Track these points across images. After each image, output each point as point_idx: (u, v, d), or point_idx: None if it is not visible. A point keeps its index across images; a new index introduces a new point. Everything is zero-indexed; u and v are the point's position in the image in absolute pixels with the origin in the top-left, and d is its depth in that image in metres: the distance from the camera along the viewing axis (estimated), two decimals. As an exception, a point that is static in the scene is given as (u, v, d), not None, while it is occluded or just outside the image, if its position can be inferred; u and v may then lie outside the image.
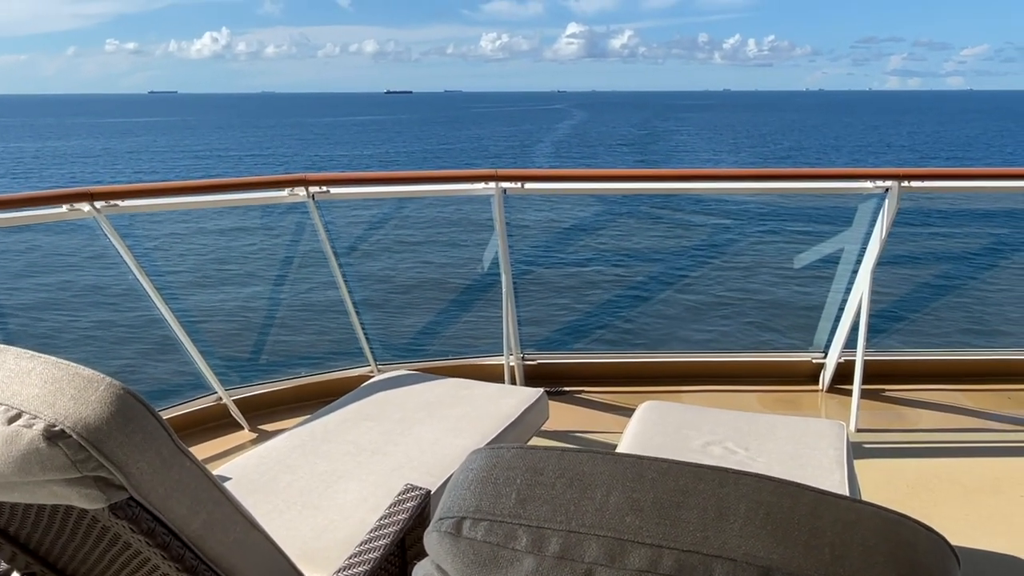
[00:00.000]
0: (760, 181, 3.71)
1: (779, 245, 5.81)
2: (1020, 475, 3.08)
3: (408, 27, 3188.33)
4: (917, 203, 5.52)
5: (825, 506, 0.81)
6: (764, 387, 3.97)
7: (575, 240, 7.42)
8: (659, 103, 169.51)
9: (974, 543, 2.62)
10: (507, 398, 2.58)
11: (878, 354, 4.05)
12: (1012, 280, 4.99)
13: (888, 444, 3.36)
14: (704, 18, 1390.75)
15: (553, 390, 3.87)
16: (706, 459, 2.16)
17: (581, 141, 55.15)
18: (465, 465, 0.96)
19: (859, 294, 3.50)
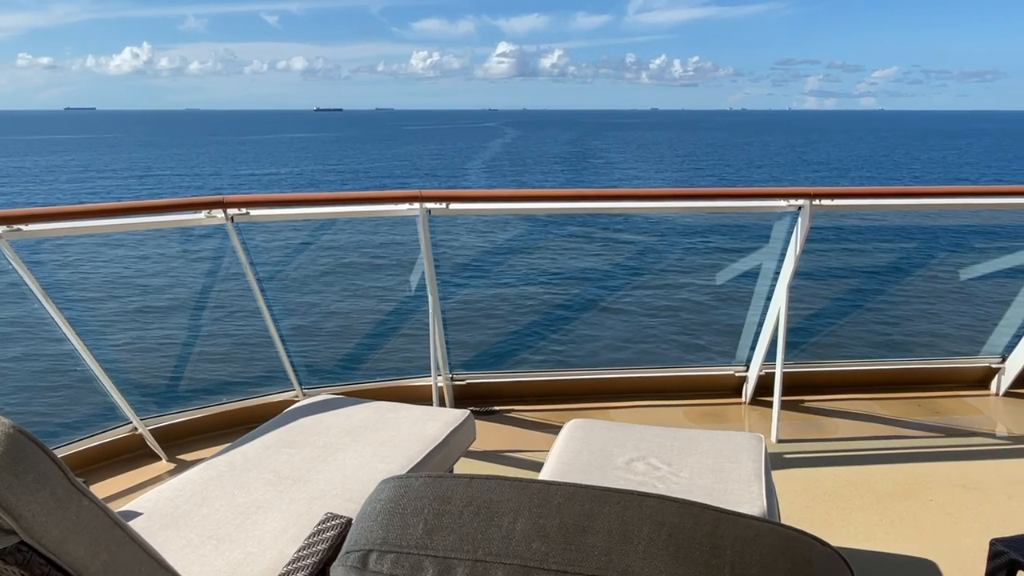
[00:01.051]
0: (680, 200, 3.79)
1: (703, 261, 5.97)
2: (930, 480, 3.22)
3: (337, 44, 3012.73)
4: (835, 220, 5.74)
5: (726, 525, 0.82)
6: (690, 401, 4.04)
7: (505, 259, 7.45)
8: (590, 121, 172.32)
9: (887, 547, 2.72)
10: (433, 420, 2.55)
11: (797, 366, 4.18)
12: (920, 293, 5.26)
13: (807, 453, 3.46)
14: (631, 39, 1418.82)
15: (483, 410, 3.86)
16: (630, 475, 2.18)
17: (514, 159, 55.56)
18: (373, 496, 0.95)
19: (777, 308, 3.61)
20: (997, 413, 3.96)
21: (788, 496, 3.07)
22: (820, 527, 2.85)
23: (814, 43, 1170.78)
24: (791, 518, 2.90)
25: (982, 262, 4.65)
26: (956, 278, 4.70)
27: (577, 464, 2.26)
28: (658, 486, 2.12)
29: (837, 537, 2.78)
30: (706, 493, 2.07)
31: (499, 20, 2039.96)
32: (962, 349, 4.45)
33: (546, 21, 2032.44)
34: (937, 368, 4.29)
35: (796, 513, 2.95)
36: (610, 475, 2.18)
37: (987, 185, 4.83)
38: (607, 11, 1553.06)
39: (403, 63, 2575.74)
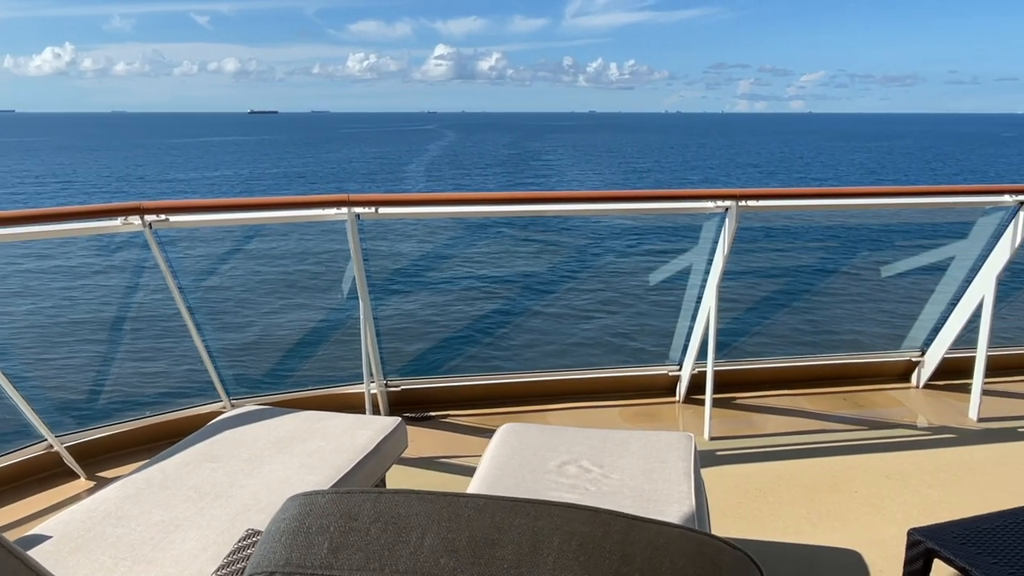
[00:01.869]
0: (613, 202, 3.83)
1: (639, 262, 6.04)
2: (854, 472, 3.31)
3: (271, 46, 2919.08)
4: (765, 221, 5.86)
5: (636, 531, 0.82)
6: (626, 402, 4.08)
7: (441, 263, 7.40)
8: (529, 124, 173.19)
9: (815, 539, 2.78)
10: (363, 429, 2.50)
11: (728, 364, 4.26)
12: (845, 290, 5.43)
13: (738, 450, 3.53)
14: (568, 42, 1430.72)
15: (418, 416, 3.82)
16: (562, 479, 2.18)
17: (454, 162, 55.43)
18: (278, 515, 0.91)
19: (707, 308, 3.67)
20: (918, 405, 4.10)
21: (720, 492, 3.12)
22: (750, 522, 2.91)
23: (745, 48, 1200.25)
24: (723, 514, 2.95)
25: (902, 259, 4.82)
26: (878, 275, 4.86)
27: (509, 469, 2.25)
28: (590, 488, 2.12)
29: (766, 531, 2.83)
30: (636, 493, 2.08)
31: (436, 22, 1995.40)
32: (885, 344, 4.61)
33: (484, 24, 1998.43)
34: (861, 363, 4.43)
35: (727, 509, 2.99)
36: (542, 479, 2.17)
37: (906, 186, 5.01)
38: (544, 14, 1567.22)
39: (339, 65, 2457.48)
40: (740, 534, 2.82)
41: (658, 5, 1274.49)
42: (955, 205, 4.12)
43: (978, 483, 3.22)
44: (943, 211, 4.54)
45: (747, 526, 2.87)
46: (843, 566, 2.61)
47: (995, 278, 3.82)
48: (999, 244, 3.84)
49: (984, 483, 3.22)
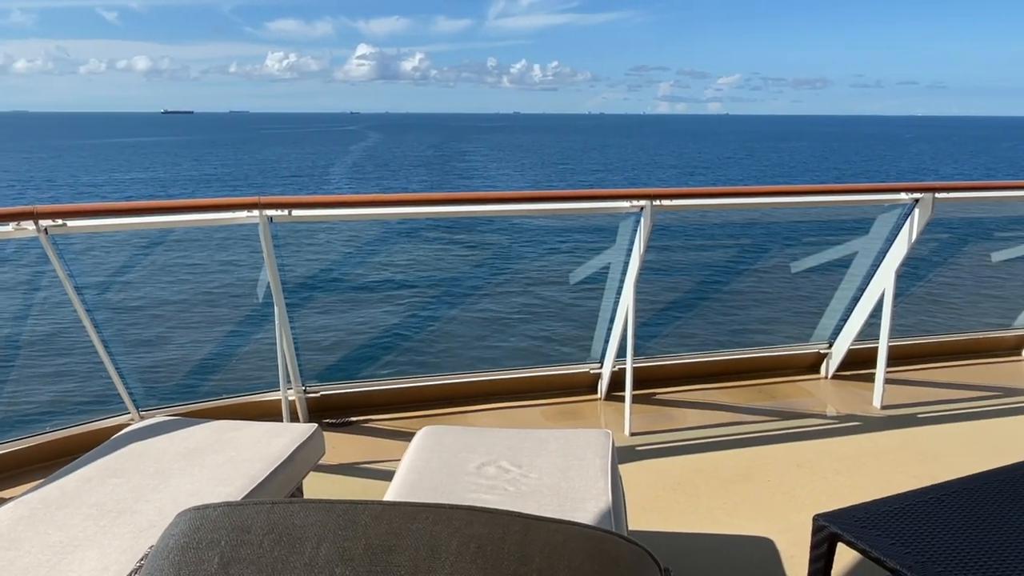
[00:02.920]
0: (533, 203, 3.85)
1: (561, 261, 6.09)
2: (768, 462, 3.43)
3: (185, 43, 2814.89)
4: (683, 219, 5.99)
5: (535, 531, 0.82)
6: (548, 401, 4.11)
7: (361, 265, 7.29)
8: (453, 125, 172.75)
9: (731, 529, 2.86)
10: (277, 437, 2.44)
11: (648, 361, 4.34)
12: (758, 286, 5.62)
13: (658, 444, 3.60)
14: (492, 43, 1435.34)
15: (338, 421, 3.75)
16: (481, 480, 2.17)
17: (377, 163, 54.79)
18: (167, 531, 0.87)
19: (625, 306, 3.73)
20: (826, 395, 4.27)
21: (640, 487, 3.17)
22: (669, 515, 2.97)
23: (665, 51, 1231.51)
24: (642, 508, 3.00)
25: (810, 256, 5.01)
26: (788, 271, 5.04)
27: (427, 472, 2.23)
28: (508, 489, 2.12)
29: (684, 523, 2.90)
30: (554, 492, 2.09)
31: (358, 22, 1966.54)
32: (796, 337, 4.78)
33: (406, 24, 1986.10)
34: (774, 356, 4.58)
35: (647, 503, 3.05)
36: (460, 481, 2.16)
37: (813, 184, 5.20)
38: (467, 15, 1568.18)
39: (258, 64, 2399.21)
40: (659, 527, 2.88)
41: (580, 7, 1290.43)
42: (857, 203, 4.31)
43: (881, 468, 3.37)
44: (847, 209, 4.74)
45: (666, 519, 2.93)
46: (756, 554, 2.69)
47: (894, 272, 4.01)
48: (897, 240, 4.04)
49: (887, 468, 3.37)
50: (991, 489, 2.12)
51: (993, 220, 5.79)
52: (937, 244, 5.49)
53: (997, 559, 1.77)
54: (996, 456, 3.47)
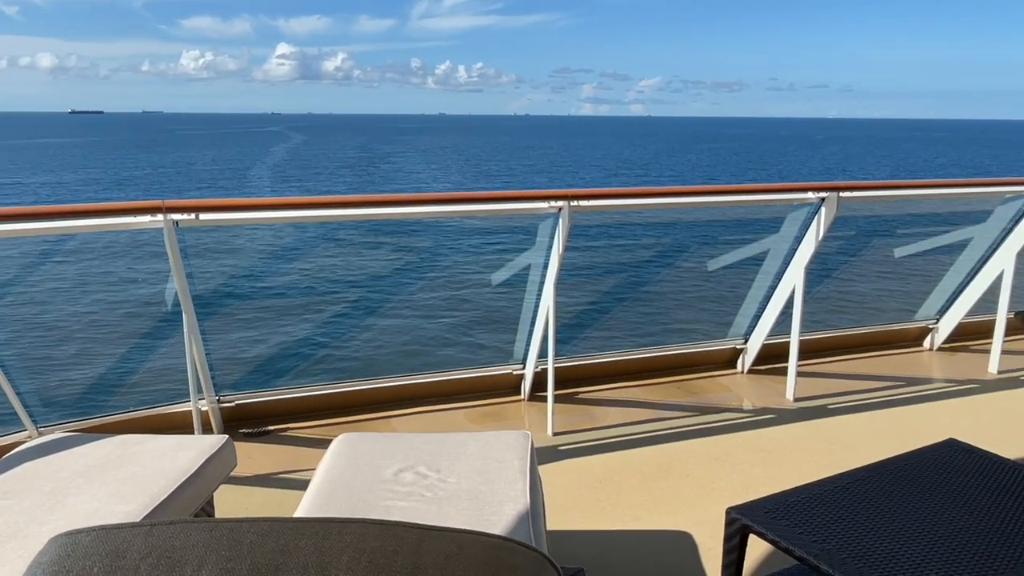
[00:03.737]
0: (451, 204, 3.82)
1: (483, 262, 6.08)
2: (687, 456, 3.49)
3: (93, 40, 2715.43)
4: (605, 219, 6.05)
5: (429, 542, 0.79)
6: (471, 403, 4.08)
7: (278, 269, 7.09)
8: (378, 126, 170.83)
9: (651, 525, 2.90)
10: (185, 451, 2.34)
11: (570, 360, 4.37)
12: (678, 284, 5.74)
13: (581, 443, 3.62)
14: (415, 44, 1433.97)
15: (255, 431, 3.64)
16: (397, 486, 2.13)
17: (301, 164, 53.69)
18: (36, 559, 0.81)
19: (546, 306, 3.74)
20: (743, 389, 4.39)
21: (562, 486, 3.18)
22: (590, 513, 2.99)
23: (588, 53, 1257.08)
24: (565, 507, 3.01)
25: (726, 254, 5.14)
26: (705, 269, 5.16)
27: (343, 481, 2.18)
28: (425, 495, 2.09)
29: (606, 520, 2.92)
30: (471, 496, 2.07)
31: (278, 20, 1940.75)
32: (713, 333, 4.90)
33: (328, 23, 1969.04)
34: (693, 352, 4.68)
35: (568, 502, 3.06)
36: (376, 489, 2.12)
37: (728, 184, 5.34)
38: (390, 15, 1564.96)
39: (172, 63, 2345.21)
40: (580, 526, 2.89)
41: (504, 9, 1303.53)
42: (768, 202, 4.44)
43: (794, 458, 3.48)
44: (760, 208, 4.89)
45: (588, 517, 2.95)
46: (675, 548, 2.74)
47: (804, 269, 4.15)
48: (806, 237, 4.18)
49: (799, 458, 3.49)
50: (892, 475, 2.21)
51: (896, 217, 6.07)
52: (844, 241, 5.72)
53: (895, 542, 1.84)
54: (900, 443, 3.62)
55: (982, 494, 2.10)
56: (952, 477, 2.21)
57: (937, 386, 4.46)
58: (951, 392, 4.37)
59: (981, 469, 2.26)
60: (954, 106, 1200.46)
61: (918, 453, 2.38)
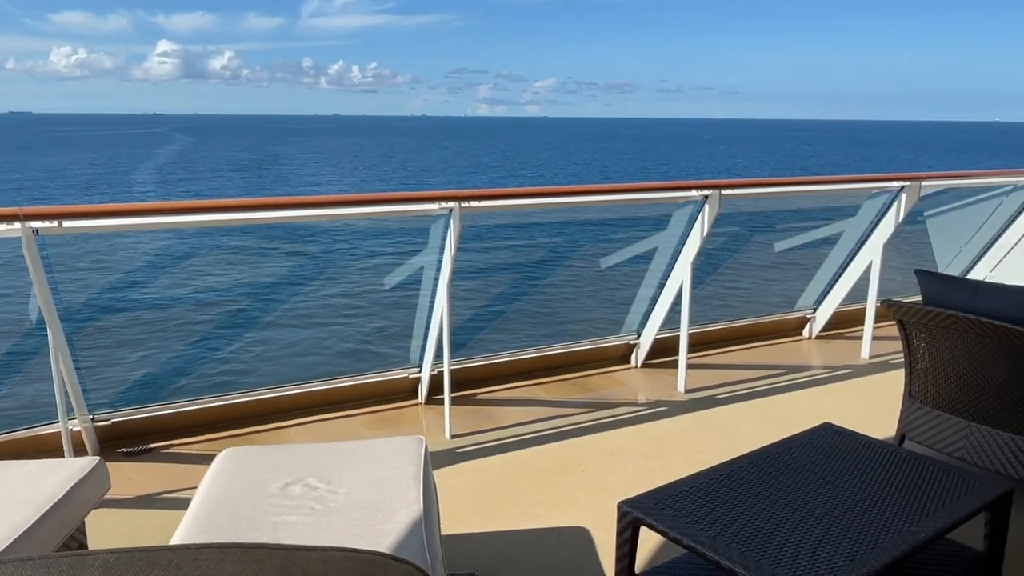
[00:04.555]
0: (340, 207, 3.74)
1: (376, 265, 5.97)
2: (583, 452, 3.54)
3: None
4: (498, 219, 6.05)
5: (293, 563, 0.76)
6: (367, 409, 4.01)
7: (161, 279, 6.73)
8: (270, 127, 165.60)
9: (549, 522, 2.92)
10: (51, 475, 2.18)
11: (467, 362, 4.35)
12: (572, 282, 5.83)
13: (479, 444, 3.61)
14: (307, 43, 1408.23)
15: (135, 450, 3.44)
16: (285, 501, 2.06)
17: (187, 167, 51.42)
18: None
19: (440, 308, 3.71)
20: (636, 383, 4.50)
21: (461, 489, 3.16)
22: (490, 514, 2.98)
23: (483, 53, 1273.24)
24: (464, 510, 2.99)
25: (618, 251, 5.25)
26: (599, 267, 5.25)
27: (226, 498, 2.08)
28: (315, 507, 2.03)
29: (506, 521, 2.92)
30: (363, 505, 2.02)
31: (157, 16, 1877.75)
32: (607, 330, 4.99)
33: (213, 20, 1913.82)
34: (588, 349, 4.76)
35: (466, 504, 3.04)
36: (262, 504, 2.04)
37: (618, 183, 5.45)
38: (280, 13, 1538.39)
39: (40, 60, 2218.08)
40: (481, 527, 2.88)
41: (397, 9, 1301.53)
42: (655, 200, 4.57)
43: (685, 449, 3.59)
44: (649, 206, 5.03)
45: (486, 519, 2.94)
46: (572, 544, 2.77)
47: (691, 264, 4.29)
48: (692, 234, 4.32)
49: (690, 448, 3.60)
50: (773, 460, 2.30)
51: (775, 213, 6.37)
52: (728, 237, 5.96)
53: (775, 524, 1.92)
54: (784, 428, 3.77)
55: (853, 474, 2.23)
56: (827, 459, 2.33)
57: (815, 373, 4.71)
58: (828, 378, 4.62)
59: (853, 450, 2.39)
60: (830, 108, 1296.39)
61: (797, 438, 2.49)
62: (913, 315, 3.09)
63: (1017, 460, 2.91)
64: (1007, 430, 2.93)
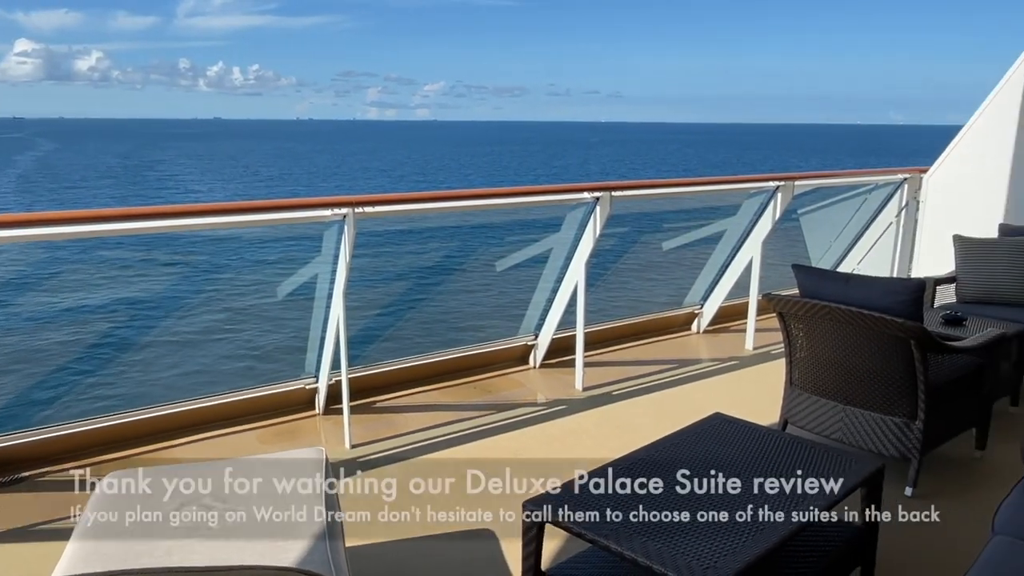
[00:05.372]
0: (225, 215, 3.60)
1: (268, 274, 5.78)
2: (485, 454, 3.56)
3: None
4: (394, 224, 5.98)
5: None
6: (263, 423, 3.88)
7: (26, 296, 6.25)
8: (145, 131, 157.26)
9: (454, 527, 2.89)
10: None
11: (365, 370, 4.29)
12: (469, 285, 5.84)
13: (381, 452, 3.57)
14: (183, 43, 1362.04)
15: (7, 480, 3.20)
16: (178, 523, 1.97)
17: (52, 175, 48.11)
18: None
19: (336, 316, 3.64)
20: (536, 383, 4.56)
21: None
22: (395, 522, 2.93)
23: (371, 56, 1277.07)
24: (366, 521, 2.93)
25: (513, 253, 5.30)
26: (494, 270, 5.29)
27: (114, 524, 1.97)
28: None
29: (409, 530, 2.89)
30: (263, 523, 1.96)
31: (15, 13, 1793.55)
32: (505, 331, 5.03)
33: (78, 18, 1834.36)
34: (487, 352, 4.78)
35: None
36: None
37: (509, 187, 5.52)
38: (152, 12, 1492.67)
39: None
40: (386, 536, 2.85)
41: (279, 10, 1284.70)
42: (548, 203, 4.66)
43: (585, 446, 3.67)
44: (541, 208, 5.10)
45: (391, 527, 2.90)
46: (479, 546, 2.78)
47: (584, 265, 4.39)
48: (584, 235, 4.42)
49: (590, 445, 3.68)
50: (667, 451, 2.40)
51: (662, 213, 6.61)
52: (619, 238, 6.13)
53: (674, 512, 2.00)
54: (677, 420, 3.91)
55: (742, 459, 2.35)
56: (718, 447, 2.44)
57: (704, 365, 4.92)
58: (716, 370, 4.84)
59: (741, 437, 2.52)
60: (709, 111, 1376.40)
61: (689, 428, 2.60)
62: (791, 307, 3.28)
63: (887, 439, 3.14)
64: (878, 411, 3.16)
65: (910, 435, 3.08)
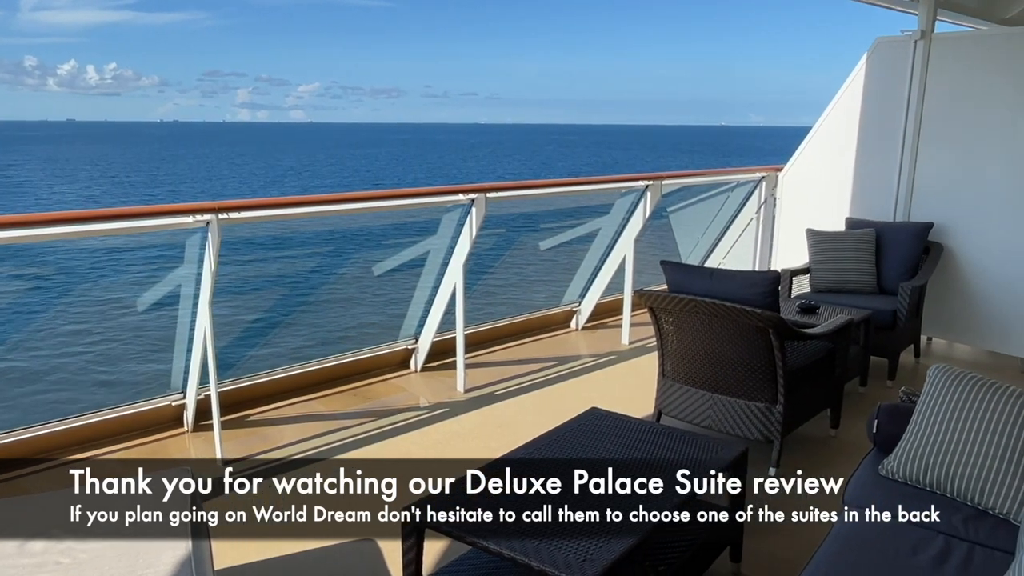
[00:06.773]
0: (79, 224, 3.36)
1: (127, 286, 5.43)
2: (364, 463, 3.46)
3: None
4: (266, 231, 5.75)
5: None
6: (124, 444, 3.65)
7: None
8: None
9: (334, 539, 2.84)
10: None
11: (237, 382, 4.11)
12: (345, 290, 5.72)
13: (254, 468, 3.43)
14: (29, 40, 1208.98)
15: None
16: (24, 560, 1.82)
17: None
18: None
19: (203, 328, 3.47)
20: (417, 388, 4.52)
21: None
22: (271, 539, 2.83)
23: (239, 56, 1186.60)
24: (240, 541, 2.82)
25: (391, 257, 5.23)
26: (372, 274, 5.21)
27: (-54, 568, 1.79)
28: (62, 561, 1.81)
29: (288, 545, 2.80)
30: (122, 553, 1.84)
31: None
32: (384, 336, 4.96)
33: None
34: (366, 358, 4.70)
35: (246, 533, 2.86)
36: None
37: (386, 190, 5.44)
38: None
39: None
40: (261, 554, 2.74)
41: (137, 5, 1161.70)
42: (424, 205, 4.62)
43: (468, 447, 3.67)
44: (417, 211, 5.07)
45: (266, 546, 2.81)
46: (360, 556, 2.72)
47: (462, 267, 4.39)
48: (461, 237, 4.43)
49: (472, 446, 3.69)
50: (545, 448, 2.44)
51: (538, 214, 6.71)
52: (498, 238, 6.18)
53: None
54: (558, 416, 3.98)
55: (618, 451, 2.41)
56: (595, 440, 2.50)
57: (583, 361, 5.03)
58: (594, 365, 4.96)
59: (617, 430, 2.59)
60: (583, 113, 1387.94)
61: (567, 424, 2.65)
62: (660, 302, 3.41)
63: (752, 423, 3.32)
64: (742, 397, 3.33)
65: (772, 418, 3.27)
